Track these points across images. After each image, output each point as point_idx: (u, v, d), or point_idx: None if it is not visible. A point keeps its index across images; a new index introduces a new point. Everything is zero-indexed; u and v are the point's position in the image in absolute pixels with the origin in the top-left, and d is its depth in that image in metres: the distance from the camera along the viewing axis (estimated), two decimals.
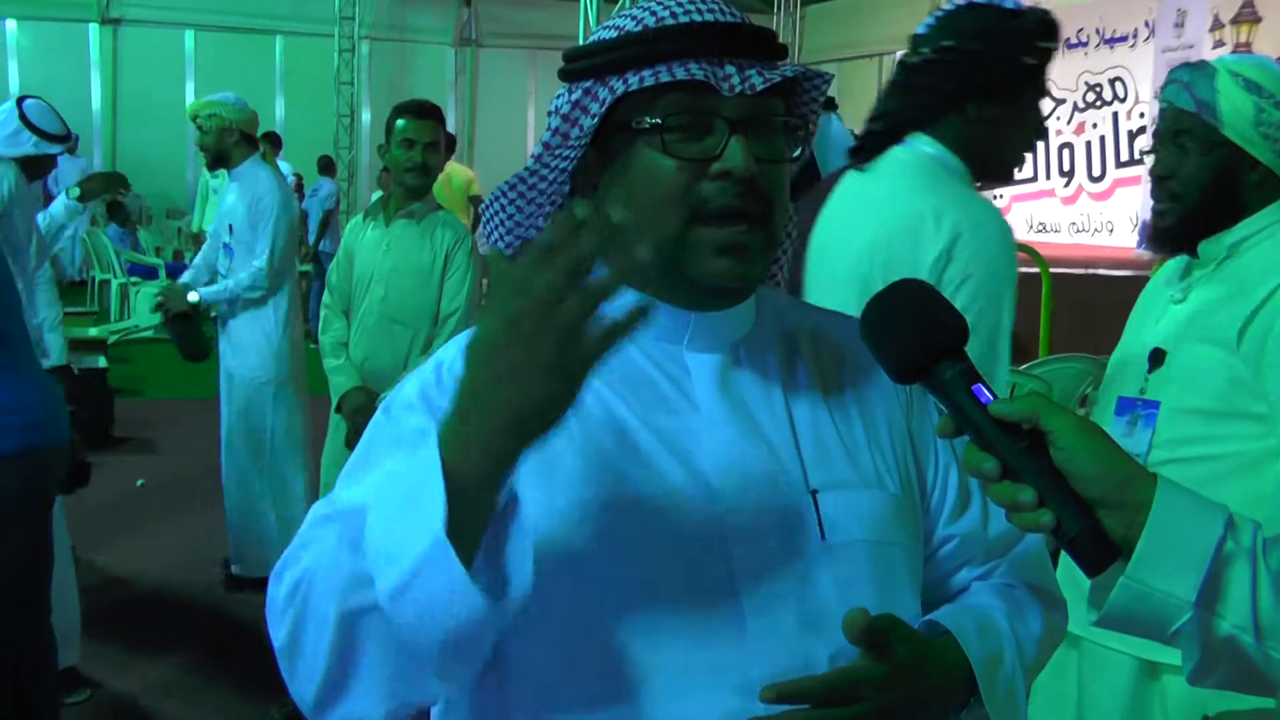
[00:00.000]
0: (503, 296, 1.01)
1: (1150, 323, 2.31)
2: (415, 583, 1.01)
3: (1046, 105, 2.32)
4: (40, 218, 4.67)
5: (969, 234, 2.11)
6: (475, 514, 1.03)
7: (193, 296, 4.99)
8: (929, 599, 1.34)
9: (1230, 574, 1.09)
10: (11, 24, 17.02)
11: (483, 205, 1.35)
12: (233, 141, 5.22)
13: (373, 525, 1.04)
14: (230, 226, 5.24)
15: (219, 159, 5.26)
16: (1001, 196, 17.18)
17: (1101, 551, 1.09)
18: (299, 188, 13.00)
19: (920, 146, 2.25)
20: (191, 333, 5.12)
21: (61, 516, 4.27)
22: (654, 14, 1.24)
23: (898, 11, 18.84)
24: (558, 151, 1.27)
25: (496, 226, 1.34)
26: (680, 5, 1.24)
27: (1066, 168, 16.22)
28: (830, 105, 3.50)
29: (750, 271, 1.24)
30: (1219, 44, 12.49)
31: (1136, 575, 1.08)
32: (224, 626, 4.91)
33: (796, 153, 1.28)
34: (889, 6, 18.96)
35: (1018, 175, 2.33)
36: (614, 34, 1.25)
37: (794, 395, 1.30)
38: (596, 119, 1.23)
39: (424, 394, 1.25)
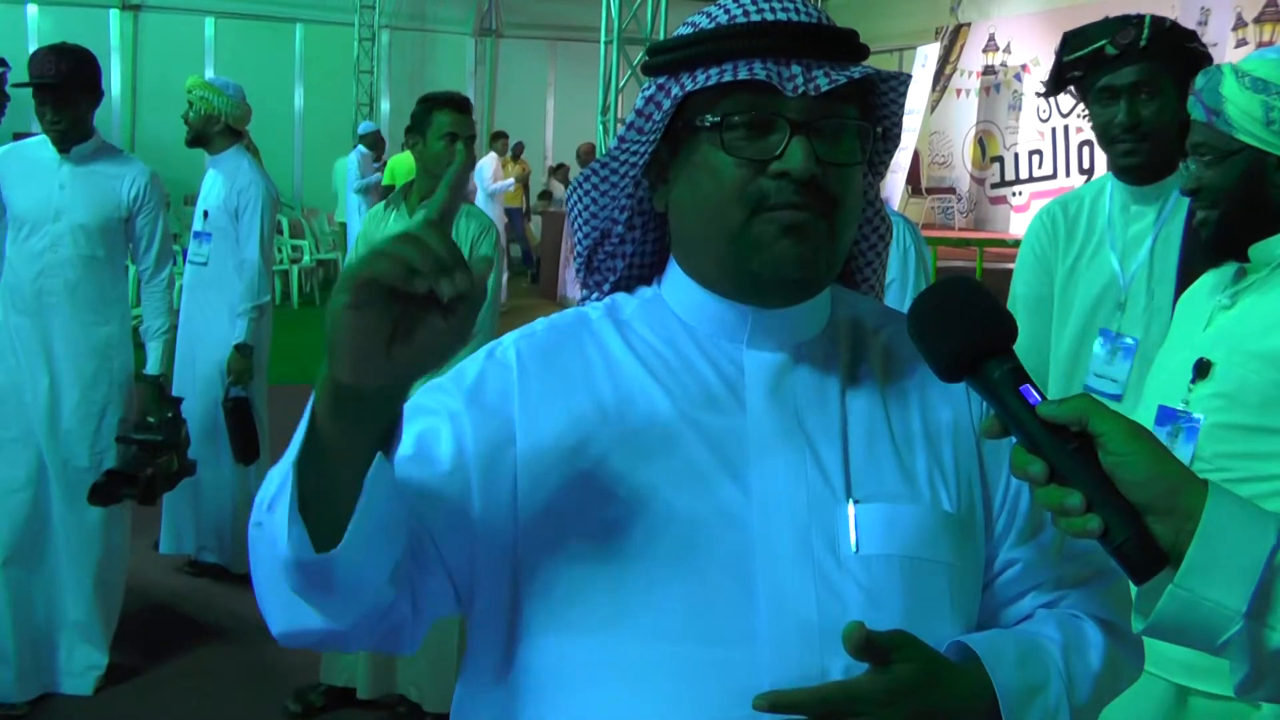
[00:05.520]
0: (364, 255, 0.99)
1: (1196, 329, 2.22)
2: (269, 512, 1.07)
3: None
4: None
5: None
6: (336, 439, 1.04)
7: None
8: (989, 626, 1.29)
9: None
10: (32, 9, 17.07)
11: (566, 192, 1.36)
12: (216, 130, 5.21)
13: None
14: (205, 213, 5.23)
15: (198, 140, 5.26)
16: (1021, 194, 17.19)
17: (1149, 558, 1.06)
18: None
19: None
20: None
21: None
22: (727, 11, 1.23)
23: (918, 5, 18.82)
24: (630, 145, 1.27)
25: (577, 216, 1.35)
26: (754, 3, 1.23)
27: (1086, 165, 16.15)
28: None
29: (814, 255, 1.21)
30: (1242, 43, 12.43)
31: (1185, 583, 1.05)
32: (232, 617, 4.90)
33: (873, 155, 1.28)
34: (909, 0, 18.91)
35: (1036, 172, 2.37)
36: (690, 30, 1.26)
37: (853, 402, 1.27)
38: (666, 115, 1.23)
39: (479, 377, 1.26)
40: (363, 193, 13.56)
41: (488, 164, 14.57)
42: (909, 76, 1.29)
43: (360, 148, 13.91)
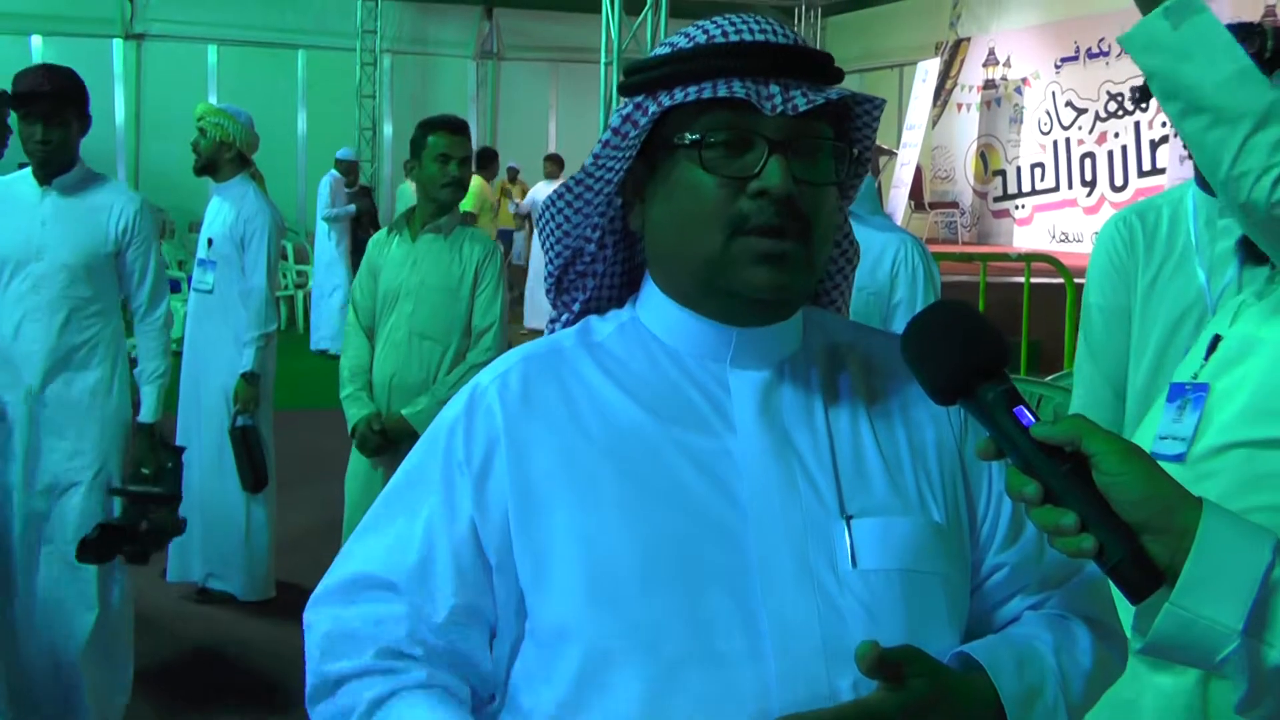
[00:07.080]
0: None
1: (1221, 324, 2.09)
2: None
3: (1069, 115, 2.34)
4: None
5: None
6: None
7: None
8: (978, 630, 1.30)
9: (1279, 601, 1.06)
10: (37, 39, 17.16)
11: (538, 212, 1.38)
12: (227, 157, 5.20)
13: None
14: (210, 241, 5.21)
15: (207, 168, 5.24)
16: (1024, 207, 17.20)
17: (1146, 577, 1.06)
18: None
19: None
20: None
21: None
22: (706, 33, 1.25)
23: (918, 21, 18.86)
24: (605, 162, 1.28)
25: (550, 234, 1.36)
26: (733, 25, 1.24)
27: (1089, 177, 16.16)
28: None
29: (790, 282, 1.22)
30: None
31: (1182, 602, 1.06)
32: (241, 644, 4.90)
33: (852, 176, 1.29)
34: (909, 16, 18.97)
35: (1039, 185, 2.28)
36: (668, 50, 1.27)
37: (837, 417, 1.28)
38: (642, 132, 1.24)
39: (467, 432, 1.27)
40: (331, 221, 12.96)
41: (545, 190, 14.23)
42: (884, 101, 1.31)
43: (333, 172, 13.32)
